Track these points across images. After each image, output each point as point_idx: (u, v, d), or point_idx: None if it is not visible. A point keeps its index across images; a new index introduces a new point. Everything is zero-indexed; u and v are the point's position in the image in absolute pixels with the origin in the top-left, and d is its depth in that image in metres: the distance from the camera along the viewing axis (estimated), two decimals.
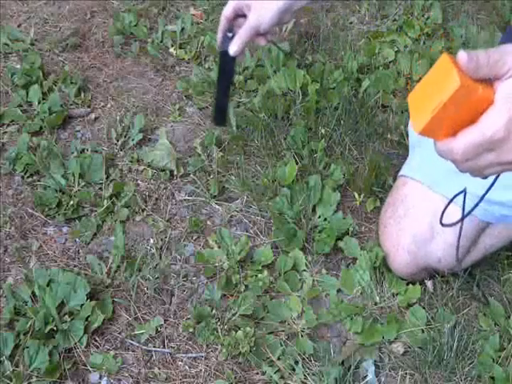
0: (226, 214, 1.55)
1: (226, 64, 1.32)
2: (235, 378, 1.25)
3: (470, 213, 1.04)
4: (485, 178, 0.85)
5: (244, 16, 1.31)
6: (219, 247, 1.45)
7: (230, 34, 1.29)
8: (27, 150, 1.63)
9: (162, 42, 2.02)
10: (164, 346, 1.31)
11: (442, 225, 1.06)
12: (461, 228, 1.19)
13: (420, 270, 1.36)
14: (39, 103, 1.77)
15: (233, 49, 1.29)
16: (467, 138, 0.78)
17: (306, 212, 1.50)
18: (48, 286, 1.33)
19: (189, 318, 1.34)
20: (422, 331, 1.31)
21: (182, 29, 2.04)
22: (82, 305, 1.31)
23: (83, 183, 1.58)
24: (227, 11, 1.31)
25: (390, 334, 1.31)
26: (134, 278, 1.38)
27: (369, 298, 1.37)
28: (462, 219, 1.06)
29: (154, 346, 1.31)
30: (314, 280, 1.41)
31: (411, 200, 1.33)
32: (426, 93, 0.79)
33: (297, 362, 1.26)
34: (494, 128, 0.77)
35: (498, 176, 0.90)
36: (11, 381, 1.20)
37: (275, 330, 1.33)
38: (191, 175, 1.63)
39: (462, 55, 0.76)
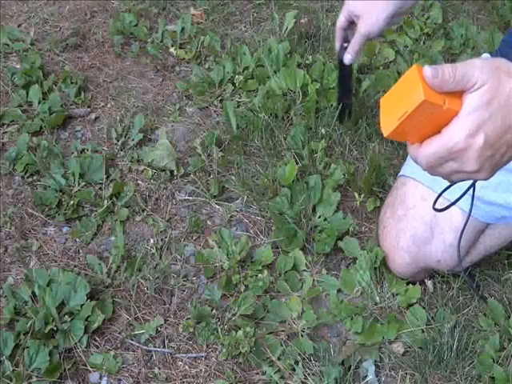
0: (226, 213, 1.55)
1: (345, 70, 1.48)
2: (235, 377, 1.25)
3: (458, 200, 1.05)
4: (453, 182, 0.88)
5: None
6: (219, 247, 1.45)
7: (345, 45, 1.44)
8: (27, 150, 1.63)
9: (162, 41, 2.02)
10: (164, 346, 1.31)
11: (435, 209, 1.06)
12: (464, 226, 1.19)
13: (419, 270, 1.36)
14: (39, 103, 1.77)
15: (347, 58, 1.44)
16: (430, 148, 0.81)
17: (306, 212, 1.50)
18: (48, 285, 1.33)
19: (189, 318, 1.34)
20: (422, 331, 1.31)
21: (182, 29, 2.04)
22: (82, 305, 1.31)
23: (83, 183, 1.58)
24: (340, 22, 1.41)
25: (390, 334, 1.31)
26: (134, 278, 1.38)
27: (369, 298, 1.37)
28: (452, 204, 1.06)
29: (154, 346, 1.31)
30: (314, 280, 1.41)
31: (411, 200, 1.33)
32: (396, 100, 0.82)
33: (297, 362, 1.26)
34: (454, 140, 0.79)
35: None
36: (11, 381, 1.20)
37: (275, 329, 1.33)
38: (191, 175, 1.62)
39: (427, 71, 0.78)
